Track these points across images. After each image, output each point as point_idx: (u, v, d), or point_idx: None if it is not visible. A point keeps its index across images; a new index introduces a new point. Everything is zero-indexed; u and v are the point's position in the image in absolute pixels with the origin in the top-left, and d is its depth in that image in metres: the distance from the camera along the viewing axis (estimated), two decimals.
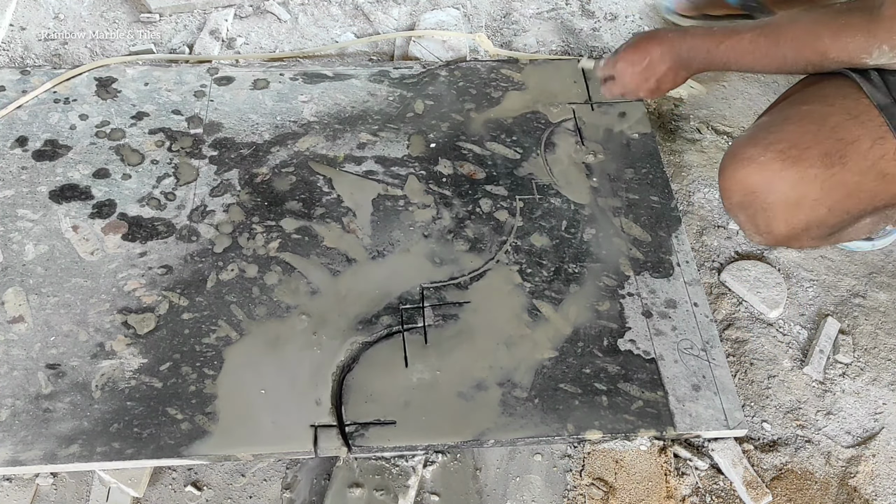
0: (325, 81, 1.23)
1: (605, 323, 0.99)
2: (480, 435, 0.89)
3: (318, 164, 1.12)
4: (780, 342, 1.03)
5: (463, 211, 1.08)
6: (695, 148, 1.24)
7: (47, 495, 0.86)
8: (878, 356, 1.03)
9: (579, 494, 0.88)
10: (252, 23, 1.37)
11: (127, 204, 1.06)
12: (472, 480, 0.89)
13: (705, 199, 1.17)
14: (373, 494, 0.86)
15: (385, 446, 0.88)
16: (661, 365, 0.95)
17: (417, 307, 0.98)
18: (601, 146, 1.17)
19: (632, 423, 0.90)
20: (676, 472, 0.91)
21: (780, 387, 0.99)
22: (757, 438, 0.95)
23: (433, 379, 0.93)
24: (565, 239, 1.06)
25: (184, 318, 0.96)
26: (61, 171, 1.09)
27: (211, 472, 0.89)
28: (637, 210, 1.10)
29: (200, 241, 1.03)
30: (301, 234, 1.05)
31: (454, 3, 1.43)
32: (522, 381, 0.93)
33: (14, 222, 1.03)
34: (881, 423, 0.97)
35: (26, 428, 0.86)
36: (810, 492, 0.91)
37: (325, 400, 0.90)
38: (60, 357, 0.92)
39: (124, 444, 0.86)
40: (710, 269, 1.10)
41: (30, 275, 0.99)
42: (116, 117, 1.16)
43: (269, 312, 0.97)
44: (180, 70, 1.23)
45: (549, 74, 1.27)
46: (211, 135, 1.15)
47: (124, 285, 0.98)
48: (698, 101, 1.30)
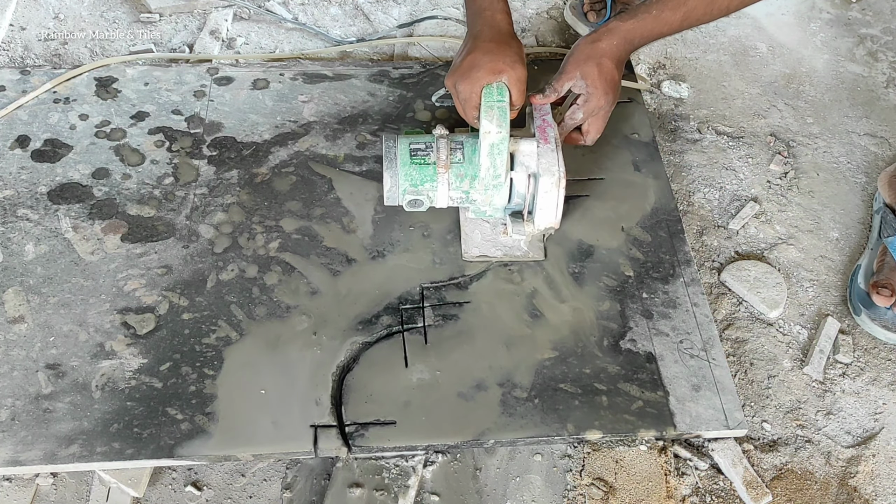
0: (325, 81, 1.23)
1: (605, 323, 0.99)
2: (480, 435, 0.89)
3: (318, 164, 1.12)
4: (780, 342, 1.03)
5: None
6: (695, 148, 1.24)
7: (47, 495, 0.86)
8: (878, 356, 1.03)
9: (579, 494, 0.88)
10: (252, 23, 1.37)
11: (127, 204, 1.06)
12: (472, 480, 0.89)
13: (705, 199, 1.17)
14: (373, 494, 0.86)
15: (385, 446, 0.88)
16: (661, 365, 0.95)
17: (417, 307, 0.98)
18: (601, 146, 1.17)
19: (632, 423, 0.90)
20: (676, 472, 0.91)
21: (780, 387, 0.99)
22: (757, 438, 0.95)
23: (433, 379, 0.93)
24: None
25: (184, 318, 0.96)
26: (61, 171, 1.09)
27: (211, 472, 0.89)
28: (637, 210, 1.10)
29: (200, 241, 1.03)
30: (301, 234, 1.05)
31: (454, 3, 1.42)
32: (522, 381, 0.93)
33: (14, 222, 1.03)
34: (881, 423, 0.97)
35: (26, 428, 0.86)
36: (810, 492, 0.91)
37: (325, 400, 0.90)
38: (60, 357, 0.92)
39: (124, 444, 0.86)
40: (710, 269, 1.10)
41: (30, 275, 0.99)
42: (116, 117, 1.16)
43: (269, 312, 0.97)
44: (180, 70, 1.23)
45: (549, 74, 1.26)
46: (211, 135, 1.15)
47: (124, 285, 0.98)
48: (698, 100, 1.30)
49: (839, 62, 1.38)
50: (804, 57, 1.39)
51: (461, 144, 0.99)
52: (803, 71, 1.37)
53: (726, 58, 1.38)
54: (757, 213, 1.16)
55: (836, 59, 1.38)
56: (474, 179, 0.98)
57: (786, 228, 1.15)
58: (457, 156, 0.98)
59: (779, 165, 1.22)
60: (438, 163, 0.98)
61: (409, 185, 0.98)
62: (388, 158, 0.99)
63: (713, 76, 1.34)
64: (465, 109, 0.97)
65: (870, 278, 1.03)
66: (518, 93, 0.95)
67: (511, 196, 1.00)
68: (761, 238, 1.13)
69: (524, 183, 0.99)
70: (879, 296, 0.99)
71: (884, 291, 0.99)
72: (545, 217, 1.00)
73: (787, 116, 1.30)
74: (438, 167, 0.98)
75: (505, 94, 0.94)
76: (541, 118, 1.01)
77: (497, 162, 0.96)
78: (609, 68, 0.98)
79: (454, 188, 0.99)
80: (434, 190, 0.99)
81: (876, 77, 1.37)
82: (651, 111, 1.28)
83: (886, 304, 0.99)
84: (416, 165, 0.97)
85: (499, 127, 0.93)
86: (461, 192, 0.99)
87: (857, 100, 1.32)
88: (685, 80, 1.34)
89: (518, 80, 0.94)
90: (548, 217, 1.00)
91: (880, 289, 1.00)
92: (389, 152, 0.99)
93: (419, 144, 0.99)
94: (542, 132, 1.00)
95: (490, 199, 1.00)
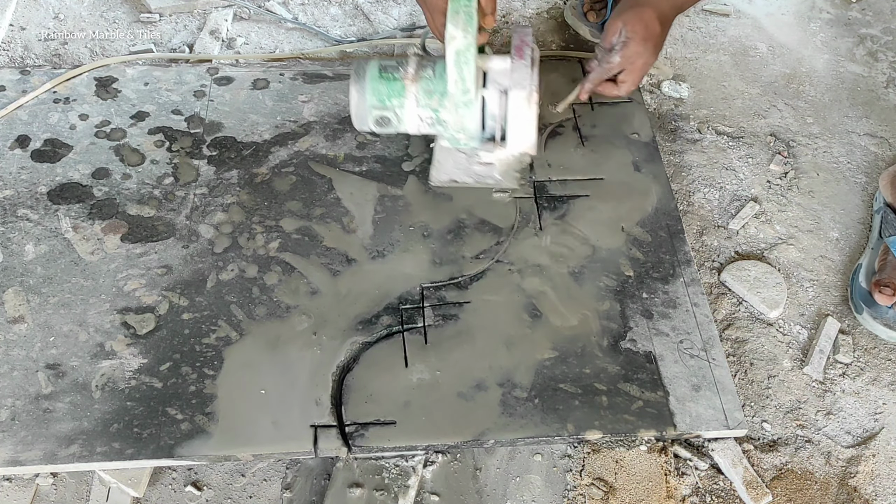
0: (325, 81, 1.23)
1: (605, 323, 0.99)
2: (480, 435, 0.89)
3: (318, 164, 1.12)
4: (780, 342, 1.03)
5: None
6: (695, 148, 1.24)
7: (47, 495, 0.86)
8: (878, 356, 1.03)
9: (579, 494, 0.88)
10: (252, 23, 1.37)
11: (127, 204, 1.06)
12: (472, 480, 0.89)
13: (705, 199, 1.17)
14: (373, 494, 0.86)
15: (385, 446, 0.88)
16: (661, 365, 0.95)
17: (417, 307, 0.99)
18: (601, 146, 1.17)
19: (632, 423, 0.90)
20: (676, 472, 0.91)
21: (780, 387, 0.99)
22: (757, 438, 0.95)
23: (433, 379, 0.93)
24: None
25: (184, 318, 0.96)
26: (61, 171, 1.09)
27: (211, 472, 0.89)
28: (637, 210, 1.10)
29: (200, 241, 1.03)
30: (301, 234, 1.05)
31: None
32: (522, 381, 0.93)
33: (14, 222, 1.03)
34: (881, 423, 0.97)
35: (26, 428, 0.86)
36: (810, 492, 0.91)
37: (325, 400, 0.90)
38: (60, 357, 0.92)
39: (124, 444, 0.86)
40: (710, 269, 1.10)
41: (30, 275, 0.99)
42: (116, 117, 1.16)
43: (269, 312, 0.97)
44: (180, 70, 1.23)
45: (549, 74, 1.27)
46: (211, 135, 1.15)
47: (124, 285, 0.98)
48: (698, 100, 1.30)
49: (839, 62, 1.38)
50: (804, 57, 1.39)
51: (434, 62, 0.96)
52: (803, 71, 1.37)
53: (726, 58, 1.38)
54: (757, 213, 1.16)
55: (836, 59, 1.38)
56: (443, 97, 0.94)
57: (786, 228, 1.15)
58: (426, 72, 0.94)
59: (779, 165, 1.22)
60: (405, 76, 0.94)
61: (376, 100, 0.94)
62: (356, 75, 0.95)
63: (713, 76, 1.34)
64: (434, 18, 0.93)
65: (871, 277, 1.04)
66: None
67: (484, 119, 0.95)
68: (761, 238, 1.13)
69: (496, 102, 0.94)
70: (882, 294, 1.00)
71: (886, 290, 1.00)
72: (518, 139, 0.94)
73: (787, 116, 1.30)
74: (405, 80, 0.94)
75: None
76: (519, 38, 0.96)
77: (465, 73, 0.90)
78: (649, 16, 0.97)
79: (423, 106, 0.94)
80: (402, 107, 0.94)
81: (876, 77, 1.37)
82: (651, 111, 1.28)
83: (888, 302, 1.01)
84: (384, 80, 0.94)
85: (464, 32, 0.87)
86: (430, 112, 0.95)
87: (857, 100, 1.32)
88: (685, 80, 1.34)
89: None
90: (521, 138, 0.94)
91: (882, 287, 1.01)
92: (359, 69, 0.95)
93: (390, 62, 0.97)
94: (517, 50, 0.94)
95: (461, 120, 0.95)
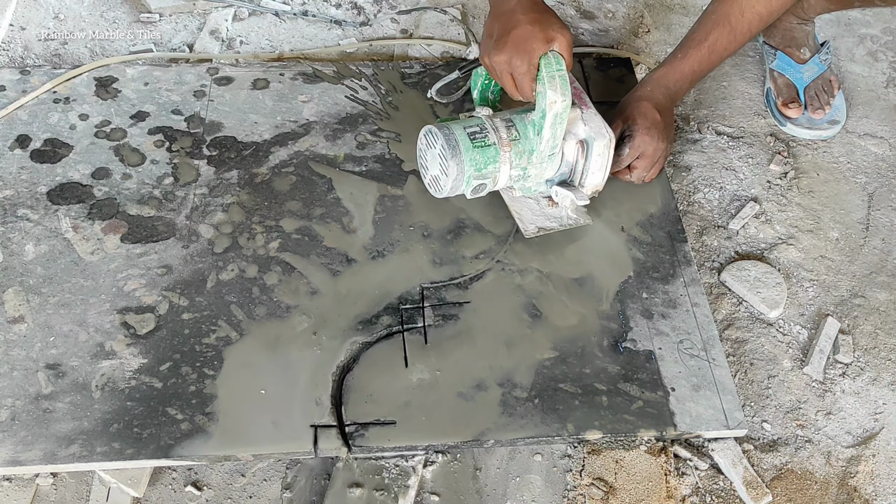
0: (325, 81, 1.23)
1: (605, 323, 0.99)
2: (480, 435, 0.89)
3: (318, 164, 1.12)
4: (780, 342, 1.03)
5: None
6: (695, 148, 1.24)
7: (47, 495, 0.86)
8: (878, 356, 1.03)
9: (579, 494, 0.88)
10: (252, 23, 1.37)
11: (127, 204, 1.06)
12: (472, 480, 0.89)
13: (705, 199, 1.17)
14: (373, 494, 0.86)
15: (385, 446, 0.88)
16: (661, 365, 0.95)
17: (417, 307, 0.99)
18: None
19: (632, 423, 0.90)
20: (676, 472, 0.91)
21: (780, 387, 0.99)
22: (757, 438, 0.95)
23: (433, 379, 0.93)
24: None
25: (184, 318, 0.96)
26: (61, 171, 1.09)
27: (211, 472, 0.89)
28: (637, 210, 1.10)
29: (200, 241, 1.03)
30: (301, 234, 1.05)
31: (454, 3, 1.43)
32: (522, 381, 0.93)
33: (14, 222, 1.03)
34: (881, 423, 0.97)
35: (26, 428, 0.86)
36: (810, 492, 0.91)
37: (325, 400, 0.90)
38: (60, 357, 0.92)
39: (124, 444, 0.86)
40: (710, 269, 1.10)
41: (30, 275, 0.99)
42: (116, 117, 1.16)
43: (269, 312, 0.97)
44: (180, 70, 1.23)
45: None
46: (211, 135, 1.15)
47: (124, 285, 0.98)
48: (698, 100, 1.30)
49: (839, 62, 1.38)
50: None
51: (511, 121, 0.98)
52: None
53: None
54: (757, 213, 1.16)
55: (835, 59, 1.38)
56: (532, 154, 0.97)
57: (786, 228, 1.15)
58: (512, 133, 0.97)
59: (779, 165, 1.22)
60: (500, 142, 0.96)
61: (474, 170, 0.96)
62: (449, 146, 0.95)
63: (713, 76, 1.34)
64: (522, 83, 0.94)
65: (776, 100, 1.27)
66: (569, 58, 0.94)
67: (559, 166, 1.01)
68: (761, 238, 1.13)
69: (573, 151, 1.00)
70: (791, 109, 1.25)
71: (792, 105, 1.24)
72: (595, 180, 1.01)
73: None
74: (501, 147, 0.96)
75: (563, 62, 0.92)
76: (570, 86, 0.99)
77: (558, 132, 0.96)
78: (647, 108, 1.06)
79: (514, 166, 0.98)
80: (497, 171, 0.98)
81: (876, 77, 1.37)
82: None
83: (798, 114, 1.25)
84: (479, 149, 0.95)
85: (563, 96, 0.92)
86: (519, 170, 0.99)
87: (857, 100, 1.32)
88: None
89: (569, 45, 0.94)
90: (598, 180, 1.01)
91: (789, 104, 1.25)
92: (450, 140, 0.96)
93: (473, 128, 0.97)
94: (579, 98, 1.00)
95: (543, 172, 1.00)
